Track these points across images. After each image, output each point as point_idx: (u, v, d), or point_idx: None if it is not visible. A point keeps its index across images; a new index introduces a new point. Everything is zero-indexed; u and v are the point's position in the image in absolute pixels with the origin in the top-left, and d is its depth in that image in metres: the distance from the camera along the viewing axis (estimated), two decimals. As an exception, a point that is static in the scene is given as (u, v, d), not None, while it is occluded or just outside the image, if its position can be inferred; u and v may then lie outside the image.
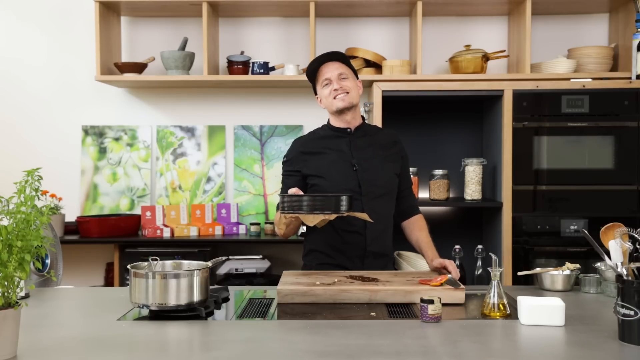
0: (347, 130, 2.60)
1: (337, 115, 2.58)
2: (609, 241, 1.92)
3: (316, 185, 2.51)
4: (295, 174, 2.57)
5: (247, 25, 4.12)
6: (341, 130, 2.60)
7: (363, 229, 2.50)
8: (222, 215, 3.97)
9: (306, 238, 2.65)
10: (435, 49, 4.01)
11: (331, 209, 2.24)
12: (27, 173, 1.61)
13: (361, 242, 2.52)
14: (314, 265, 2.56)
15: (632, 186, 3.48)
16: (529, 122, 3.49)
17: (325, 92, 2.56)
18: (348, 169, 2.53)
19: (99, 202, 4.09)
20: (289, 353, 1.61)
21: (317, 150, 2.57)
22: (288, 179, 2.58)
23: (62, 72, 4.14)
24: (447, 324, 1.86)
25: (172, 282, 1.92)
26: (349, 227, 2.48)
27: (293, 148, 2.63)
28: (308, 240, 2.64)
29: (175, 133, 4.13)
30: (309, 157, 2.57)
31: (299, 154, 2.59)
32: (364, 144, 2.59)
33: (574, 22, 4.04)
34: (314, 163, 2.55)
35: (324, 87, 2.56)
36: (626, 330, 1.66)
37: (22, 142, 4.13)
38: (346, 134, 2.59)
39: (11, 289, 1.56)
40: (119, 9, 3.95)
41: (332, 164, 2.53)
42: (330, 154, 2.56)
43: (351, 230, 2.50)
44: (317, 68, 2.57)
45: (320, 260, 2.56)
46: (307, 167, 2.55)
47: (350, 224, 2.48)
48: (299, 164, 2.57)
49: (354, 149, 2.56)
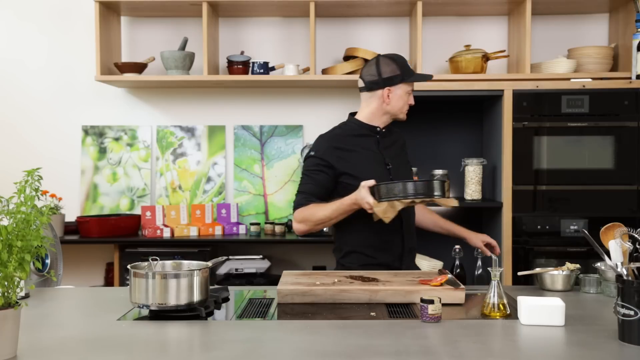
0: (377, 129, 2.60)
1: (385, 117, 2.59)
2: (609, 241, 1.92)
3: (350, 184, 2.47)
4: (327, 170, 2.50)
5: (247, 25, 4.12)
6: (372, 128, 2.59)
7: (400, 227, 2.54)
8: (222, 215, 3.97)
9: (341, 239, 2.60)
10: (435, 49, 4.01)
11: (432, 194, 2.31)
12: (27, 173, 1.61)
13: (400, 240, 2.56)
14: (355, 267, 2.52)
15: (632, 186, 3.48)
16: (529, 122, 3.49)
17: (404, 98, 2.56)
18: (382, 167, 2.55)
19: (99, 202, 4.09)
20: (289, 353, 1.61)
21: (350, 147, 2.55)
22: (318, 174, 2.50)
23: (62, 72, 4.14)
24: (447, 324, 1.86)
25: (172, 282, 1.92)
26: (387, 225, 2.43)
27: (323, 143, 2.56)
28: (345, 242, 2.59)
29: (175, 133, 4.13)
30: (342, 153, 2.53)
31: (332, 149, 2.52)
32: (389, 143, 2.63)
33: (574, 22, 4.04)
34: (348, 160, 2.52)
35: (406, 94, 2.56)
36: (626, 330, 1.66)
37: (22, 142, 4.13)
38: (376, 132, 2.60)
39: (11, 289, 1.56)
40: (119, 9, 3.95)
41: (367, 162, 2.53)
42: (362, 152, 2.55)
43: (390, 229, 2.50)
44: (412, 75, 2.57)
45: (362, 261, 2.54)
46: (340, 164, 2.51)
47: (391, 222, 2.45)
48: (332, 160, 2.50)
49: (382, 148, 2.59)
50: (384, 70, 2.52)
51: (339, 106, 4.11)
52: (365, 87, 2.57)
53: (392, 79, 2.52)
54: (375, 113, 2.58)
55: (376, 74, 2.53)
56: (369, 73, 2.55)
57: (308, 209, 2.45)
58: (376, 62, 2.56)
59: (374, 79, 2.53)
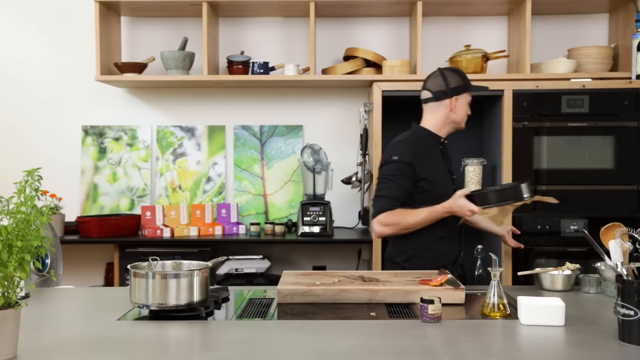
0: (442, 140, 2.75)
1: (449, 127, 2.73)
2: (609, 241, 1.92)
3: (427, 190, 2.59)
4: (410, 174, 2.59)
5: (247, 25, 4.12)
6: (437, 137, 2.73)
7: (458, 233, 2.69)
8: (222, 215, 3.97)
9: (404, 243, 2.66)
10: (435, 49, 4.01)
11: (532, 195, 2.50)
12: (27, 173, 1.61)
13: (457, 245, 2.71)
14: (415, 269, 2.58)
15: (632, 186, 3.48)
16: (529, 122, 3.49)
17: (466, 108, 2.73)
18: (448, 176, 2.73)
19: (99, 202, 4.09)
20: (289, 353, 1.61)
21: (427, 154, 2.67)
22: (401, 179, 2.58)
23: (62, 72, 4.14)
24: (447, 324, 1.86)
25: (172, 282, 1.92)
26: (449, 232, 2.62)
27: (406, 148, 2.63)
28: (409, 246, 2.65)
29: (175, 133, 4.13)
30: (422, 159, 2.63)
31: (415, 154, 2.62)
32: (447, 154, 2.79)
33: (574, 22, 4.04)
34: (426, 167, 2.63)
35: (467, 104, 2.73)
36: (626, 330, 1.66)
37: (22, 142, 4.13)
38: (440, 142, 2.74)
39: (11, 289, 1.56)
40: (119, 9, 3.95)
41: (441, 170, 2.69)
42: (435, 160, 2.69)
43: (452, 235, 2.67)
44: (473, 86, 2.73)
45: (423, 265, 2.59)
46: (421, 169, 2.61)
47: (451, 228, 2.63)
48: (416, 164, 2.60)
49: (445, 158, 2.75)
50: (450, 81, 2.68)
51: (339, 106, 4.11)
52: (433, 97, 2.70)
53: (458, 89, 2.68)
54: (441, 122, 2.72)
55: (444, 84, 2.68)
56: (436, 84, 2.70)
57: (395, 213, 2.53)
58: (441, 74, 2.71)
59: (442, 88, 2.68)
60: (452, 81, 2.68)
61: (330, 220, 3.74)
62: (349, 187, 3.90)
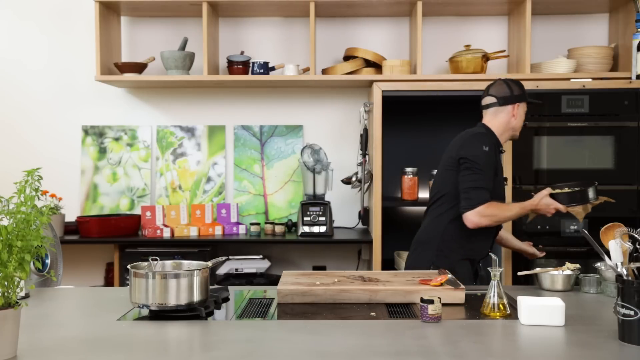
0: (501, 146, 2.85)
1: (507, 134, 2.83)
2: (609, 241, 1.92)
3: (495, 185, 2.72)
4: (493, 168, 2.71)
5: (247, 25, 4.12)
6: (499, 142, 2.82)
7: (494, 234, 2.79)
8: (222, 215, 3.97)
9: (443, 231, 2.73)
10: (435, 49, 4.01)
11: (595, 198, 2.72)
12: (27, 173, 1.61)
13: (489, 244, 2.80)
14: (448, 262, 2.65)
15: (632, 186, 3.48)
16: (529, 122, 3.48)
17: (523, 117, 2.84)
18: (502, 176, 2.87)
19: (99, 202, 4.09)
20: (289, 353, 1.61)
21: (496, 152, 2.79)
22: (490, 171, 2.69)
23: (62, 73, 4.14)
24: (447, 324, 1.86)
25: (172, 282, 1.92)
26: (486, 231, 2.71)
27: (490, 141, 2.73)
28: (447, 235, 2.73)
29: (175, 133, 4.13)
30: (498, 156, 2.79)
31: (496, 148, 2.77)
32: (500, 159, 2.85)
33: (574, 22, 4.04)
34: (499, 161, 2.78)
35: (524, 114, 2.85)
36: (626, 330, 1.66)
37: (22, 142, 4.13)
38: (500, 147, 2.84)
39: (11, 289, 1.56)
40: (119, 9, 3.95)
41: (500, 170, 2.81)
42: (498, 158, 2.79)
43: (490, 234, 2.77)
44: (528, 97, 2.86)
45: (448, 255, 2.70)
46: (498, 163, 2.76)
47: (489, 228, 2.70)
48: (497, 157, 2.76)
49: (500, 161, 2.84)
50: (514, 89, 2.82)
51: (339, 106, 4.11)
52: (497, 102, 2.81)
53: (520, 97, 2.82)
54: (502, 128, 2.81)
55: (508, 91, 2.81)
56: (500, 91, 2.82)
57: (494, 205, 2.63)
58: (505, 82, 2.85)
59: (507, 95, 2.80)
60: (515, 89, 2.82)
61: (330, 220, 3.74)
62: (349, 187, 3.90)
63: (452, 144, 2.83)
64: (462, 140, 2.77)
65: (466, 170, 2.67)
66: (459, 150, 2.73)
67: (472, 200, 2.61)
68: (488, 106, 2.84)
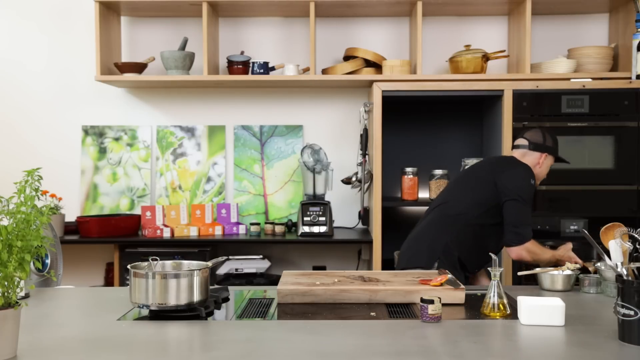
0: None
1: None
2: (609, 241, 1.93)
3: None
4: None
5: (247, 25, 4.12)
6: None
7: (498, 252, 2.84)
8: (222, 215, 3.97)
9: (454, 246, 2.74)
10: (435, 49, 4.01)
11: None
12: (27, 173, 1.61)
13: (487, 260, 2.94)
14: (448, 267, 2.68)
15: (632, 186, 3.48)
16: (529, 122, 3.49)
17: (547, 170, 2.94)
18: None
19: (99, 202, 4.09)
20: (289, 353, 1.61)
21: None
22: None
23: (62, 73, 4.14)
24: (447, 324, 1.86)
25: (172, 282, 1.92)
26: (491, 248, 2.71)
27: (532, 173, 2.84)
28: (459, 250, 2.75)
29: (175, 133, 4.13)
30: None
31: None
32: None
33: (574, 22, 4.04)
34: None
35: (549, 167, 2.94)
36: (626, 330, 1.66)
37: (22, 142, 4.13)
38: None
39: (11, 289, 1.56)
40: (119, 9, 3.95)
41: None
42: None
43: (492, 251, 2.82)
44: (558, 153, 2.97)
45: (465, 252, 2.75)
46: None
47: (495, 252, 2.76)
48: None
49: None
50: (547, 139, 2.92)
51: (339, 106, 4.11)
52: (529, 146, 2.90)
53: (550, 149, 2.92)
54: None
55: (542, 139, 2.91)
56: (534, 136, 2.93)
57: (537, 245, 2.73)
58: (541, 130, 2.96)
59: (538, 142, 2.90)
60: (549, 141, 2.92)
61: (330, 220, 3.74)
62: (349, 187, 3.90)
63: (488, 165, 2.91)
64: (506, 167, 2.84)
65: (513, 201, 2.73)
66: (502, 176, 2.77)
67: (520, 236, 2.70)
68: (518, 147, 2.95)
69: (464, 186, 2.91)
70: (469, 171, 3.02)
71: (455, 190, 2.93)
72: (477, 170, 2.95)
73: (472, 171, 2.99)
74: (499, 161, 2.98)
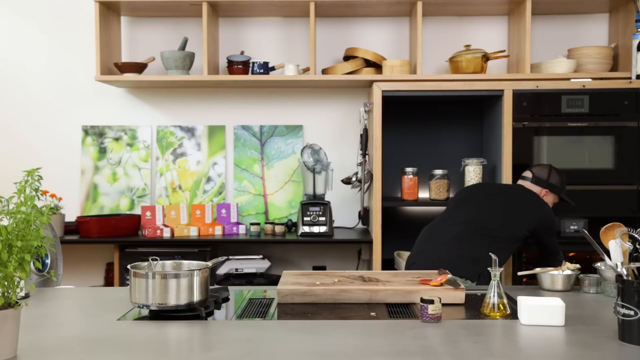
0: None
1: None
2: (609, 241, 1.92)
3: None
4: None
5: (247, 25, 4.12)
6: None
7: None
8: (222, 215, 3.97)
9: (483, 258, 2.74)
10: (435, 49, 4.01)
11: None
12: (27, 173, 1.61)
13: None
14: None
15: (632, 186, 3.48)
16: (529, 122, 3.49)
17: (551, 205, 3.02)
18: None
19: (99, 202, 4.09)
20: (289, 353, 1.61)
21: None
22: None
23: (62, 73, 4.14)
24: (447, 324, 1.86)
25: (172, 282, 1.92)
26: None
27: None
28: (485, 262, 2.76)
29: (175, 133, 4.13)
30: None
31: None
32: None
33: (574, 22, 4.04)
34: None
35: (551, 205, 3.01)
36: (626, 330, 1.66)
37: (22, 142, 4.13)
38: None
39: (11, 289, 1.56)
40: (119, 9, 3.95)
41: None
42: None
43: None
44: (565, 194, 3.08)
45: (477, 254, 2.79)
46: None
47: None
48: None
49: None
50: (552, 177, 3.05)
51: (339, 106, 4.12)
52: (531, 179, 3.07)
53: (553, 187, 3.04)
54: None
55: (546, 176, 3.05)
56: (540, 172, 3.08)
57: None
58: (549, 167, 3.10)
59: (542, 178, 3.04)
60: (553, 179, 3.04)
61: (330, 220, 3.74)
62: (349, 187, 3.90)
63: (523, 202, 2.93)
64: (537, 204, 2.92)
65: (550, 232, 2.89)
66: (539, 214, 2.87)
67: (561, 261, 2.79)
68: (524, 178, 3.10)
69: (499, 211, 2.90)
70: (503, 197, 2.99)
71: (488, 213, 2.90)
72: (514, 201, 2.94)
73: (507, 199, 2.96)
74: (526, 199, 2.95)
